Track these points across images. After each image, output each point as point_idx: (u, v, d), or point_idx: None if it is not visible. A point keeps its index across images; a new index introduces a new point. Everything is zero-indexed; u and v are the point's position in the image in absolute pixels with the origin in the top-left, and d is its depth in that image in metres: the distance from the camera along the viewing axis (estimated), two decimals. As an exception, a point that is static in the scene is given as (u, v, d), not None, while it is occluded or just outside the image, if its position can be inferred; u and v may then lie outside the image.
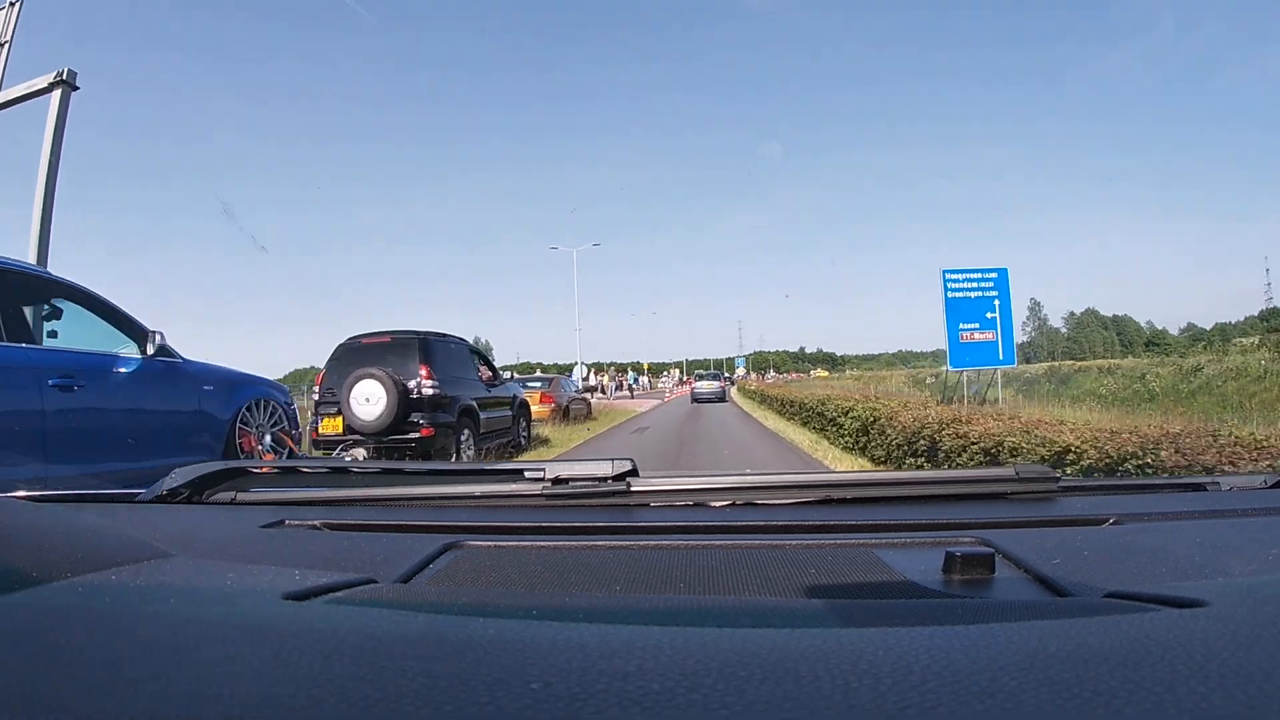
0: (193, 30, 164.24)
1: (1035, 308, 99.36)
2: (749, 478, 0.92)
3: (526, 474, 0.91)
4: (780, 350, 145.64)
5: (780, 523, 0.79)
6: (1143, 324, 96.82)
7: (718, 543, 0.71)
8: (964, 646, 0.32)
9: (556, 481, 0.88)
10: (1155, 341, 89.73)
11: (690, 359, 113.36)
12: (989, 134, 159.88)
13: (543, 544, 0.72)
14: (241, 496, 0.96)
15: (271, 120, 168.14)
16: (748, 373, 57.90)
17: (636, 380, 52.27)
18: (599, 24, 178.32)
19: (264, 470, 1.07)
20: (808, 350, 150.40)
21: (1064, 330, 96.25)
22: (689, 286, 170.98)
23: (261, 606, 0.40)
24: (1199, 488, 0.96)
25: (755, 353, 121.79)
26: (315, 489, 1.02)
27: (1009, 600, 0.53)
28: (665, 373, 67.59)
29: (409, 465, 1.13)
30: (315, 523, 0.82)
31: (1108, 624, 0.36)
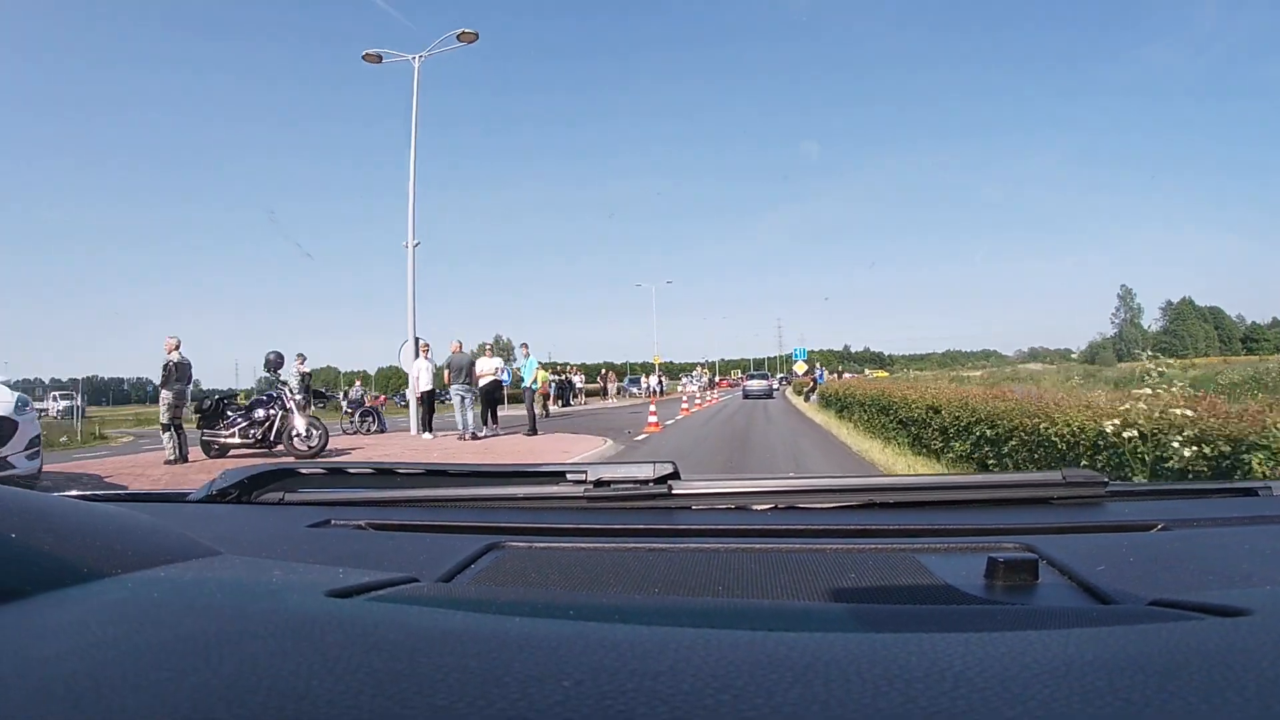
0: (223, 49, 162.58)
1: (1126, 295, 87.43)
2: (792, 481, 0.92)
3: (569, 476, 0.92)
4: (824, 350, 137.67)
5: (821, 526, 0.78)
6: (1232, 316, 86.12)
7: (758, 546, 0.71)
8: (1000, 653, 0.32)
9: (598, 484, 0.89)
10: (1253, 336, 79.38)
11: (726, 359, 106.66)
12: (1033, 132, 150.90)
13: (583, 545, 0.73)
14: (289, 497, 0.98)
15: (305, 135, 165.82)
16: (825, 371, 29.03)
17: (636, 384, 36.65)
18: (640, 38, 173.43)
19: (311, 471, 1.09)
20: (853, 349, 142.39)
21: (1160, 322, 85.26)
22: (725, 288, 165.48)
23: (305, 603, 0.40)
24: (1250, 492, 0.94)
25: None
26: (360, 490, 1.04)
27: (1050, 607, 0.52)
28: (689, 373, 53.46)
29: (452, 466, 1.08)
30: (360, 523, 0.84)
31: (1149, 632, 0.35)
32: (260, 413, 7.96)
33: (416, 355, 11.37)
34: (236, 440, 7.92)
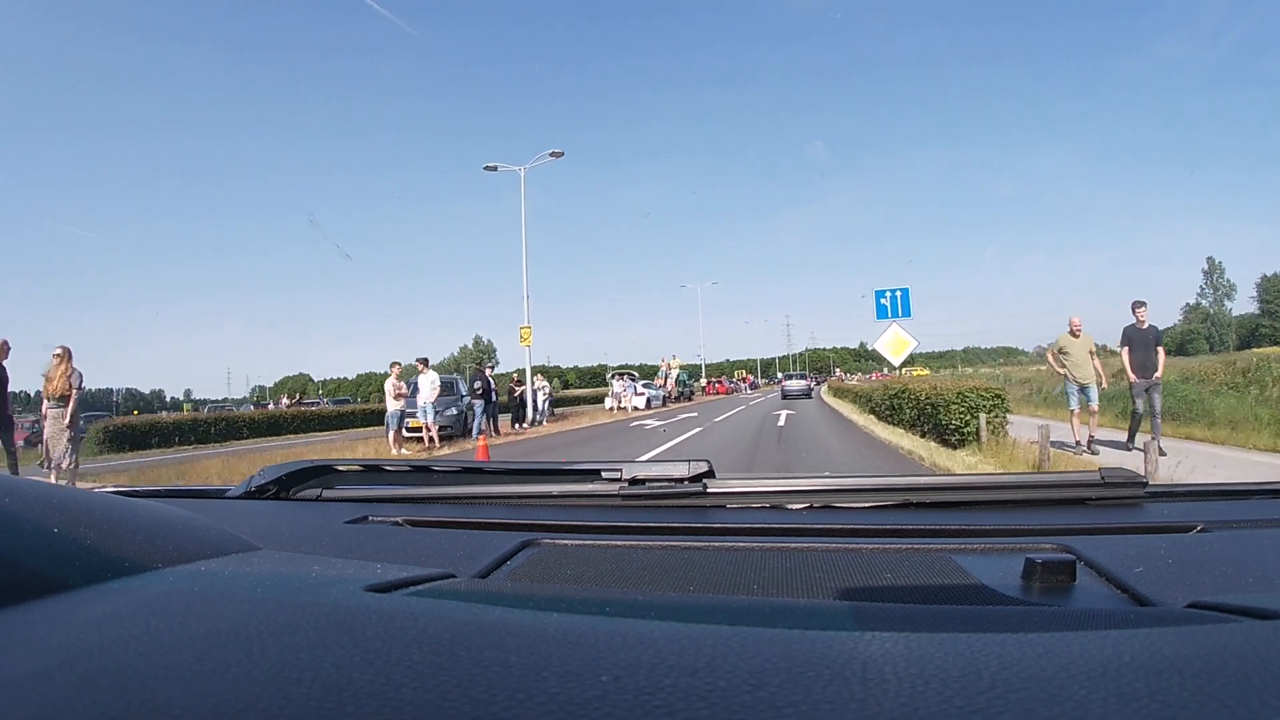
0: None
1: (1214, 270, 70.34)
2: (827, 480, 0.91)
3: (604, 474, 0.91)
4: (840, 347, 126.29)
5: (857, 526, 0.78)
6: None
7: (793, 545, 0.71)
8: (1036, 654, 0.32)
9: (633, 482, 0.88)
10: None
11: (732, 359, 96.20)
12: (1045, 128, 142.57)
13: (618, 543, 0.73)
14: (327, 493, 0.99)
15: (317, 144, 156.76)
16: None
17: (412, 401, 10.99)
18: (650, 46, 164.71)
19: (349, 468, 1.09)
20: (869, 347, 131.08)
21: (1256, 302, 70.59)
22: (732, 289, 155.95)
23: (345, 598, 0.41)
24: None
25: (810, 350, 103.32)
26: (397, 487, 1.04)
27: (1088, 608, 0.52)
28: (624, 375, 25.33)
29: (488, 464, 1.09)
30: (397, 519, 0.84)
31: (1186, 634, 0.35)
32: None
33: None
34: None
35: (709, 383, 43.52)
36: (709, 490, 0.87)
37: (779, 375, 77.73)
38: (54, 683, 0.28)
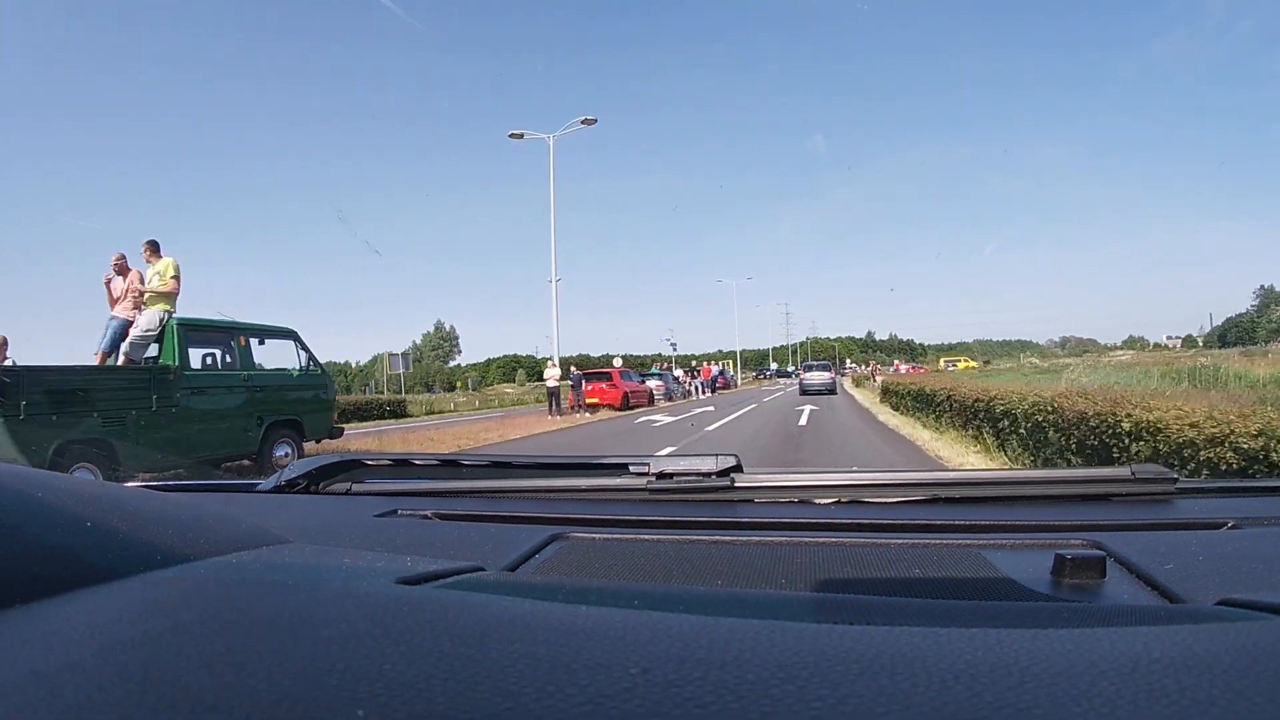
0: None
1: None
2: (856, 475, 0.90)
3: (631, 468, 0.92)
4: (845, 337, 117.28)
5: (886, 521, 0.78)
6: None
7: (822, 540, 0.71)
8: (1065, 650, 0.32)
9: (661, 476, 0.89)
10: None
11: (724, 350, 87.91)
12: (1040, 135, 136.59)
13: (646, 537, 0.73)
14: (356, 487, 1.01)
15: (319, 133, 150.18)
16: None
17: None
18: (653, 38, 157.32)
19: (378, 462, 1.10)
20: (877, 337, 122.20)
21: None
22: (730, 276, 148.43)
23: (376, 590, 0.41)
24: None
25: (811, 340, 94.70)
26: (426, 480, 1.05)
27: (1118, 605, 0.52)
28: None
29: (516, 458, 1.09)
30: (426, 513, 0.86)
31: (1216, 631, 0.35)
32: None
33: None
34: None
35: (587, 386, 17.80)
36: (737, 485, 0.87)
37: (772, 366, 67.79)
38: (88, 673, 0.28)
